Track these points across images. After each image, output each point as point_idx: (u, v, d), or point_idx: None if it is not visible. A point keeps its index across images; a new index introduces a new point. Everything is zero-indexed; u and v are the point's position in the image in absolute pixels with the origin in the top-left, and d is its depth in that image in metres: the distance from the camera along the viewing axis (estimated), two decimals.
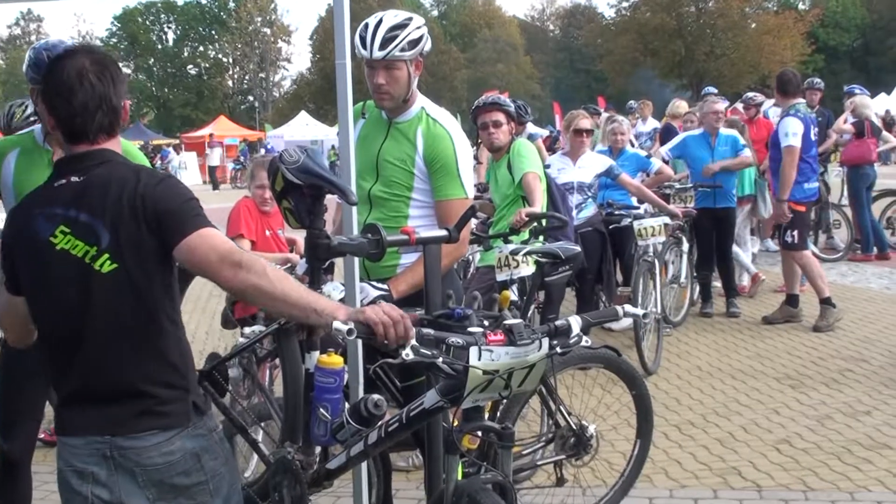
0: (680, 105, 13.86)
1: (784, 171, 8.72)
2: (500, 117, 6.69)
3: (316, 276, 3.51)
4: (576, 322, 3.10)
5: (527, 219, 5.94)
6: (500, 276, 5.95)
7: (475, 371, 2.82)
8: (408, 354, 2.73)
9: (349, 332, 2.59)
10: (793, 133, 8.69)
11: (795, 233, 8.96)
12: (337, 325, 2.60)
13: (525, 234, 6.10)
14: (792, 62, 55.68)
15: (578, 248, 5.04)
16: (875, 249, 13.01)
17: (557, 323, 3.07)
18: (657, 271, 8.13)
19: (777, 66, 51.00)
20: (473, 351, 2.82)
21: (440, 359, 2.81)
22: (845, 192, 13.87)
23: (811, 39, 60.89)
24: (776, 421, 6.44)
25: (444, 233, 3.64)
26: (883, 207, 14.00)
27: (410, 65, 4.08)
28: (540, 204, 6.40)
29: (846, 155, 13.01)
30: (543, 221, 6.23)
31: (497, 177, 6.82)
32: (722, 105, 9.99)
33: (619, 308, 3.30)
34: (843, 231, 13.35)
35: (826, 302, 9.02)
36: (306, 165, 3.32)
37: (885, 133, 14.49)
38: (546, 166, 7.55)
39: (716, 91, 14.60)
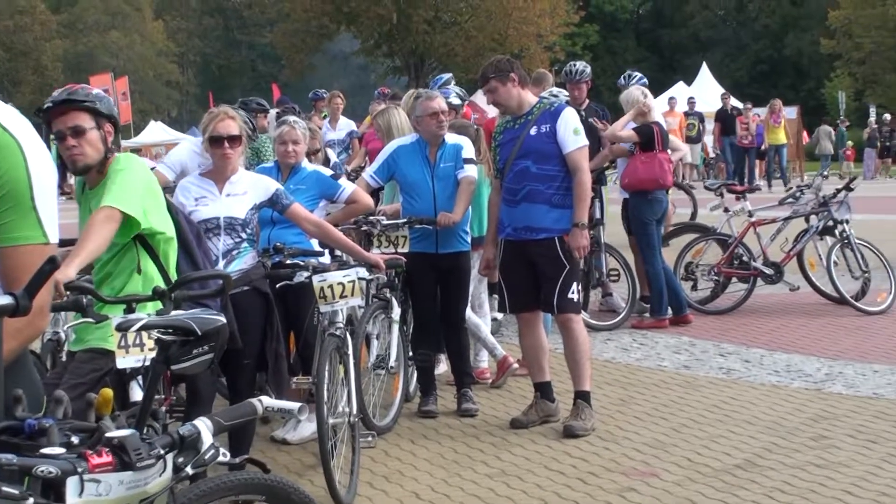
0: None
1: (584, 182, 9.23)
2: (84, 120, 6.39)
3: None
4: (205, 427, 3.18)
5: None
6: (125, 363, 5.99)
7: None
8: None
9: None
10: (580, 128, 9.34)
11: (581, 287, 9.45)
12: None
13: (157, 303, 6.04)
14: (553, 35, 58.11)
15: (223, 319, 5.11)
16: (669, 311, 13.62)
17: (182, 430, 3.14)
18: (350, 351, 8.30)
19: (532, 41, 53.26)
20: (72, 483, 2.82)
21: (31, 500, 2.79)
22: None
23: (579, 3, 63.39)
24: None
25: (7, 300, 3.61)
26: (679, 250, 14.77)
27: None
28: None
29: (630, 175, 13.39)
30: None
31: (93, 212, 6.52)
32: (442, 102, 10.02)
33: (255, 401, 3.41)
34: (622, 284, 13.94)
35: (584, 398, 9.41)
36: None
37: (673, 139, 15.12)
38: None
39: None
